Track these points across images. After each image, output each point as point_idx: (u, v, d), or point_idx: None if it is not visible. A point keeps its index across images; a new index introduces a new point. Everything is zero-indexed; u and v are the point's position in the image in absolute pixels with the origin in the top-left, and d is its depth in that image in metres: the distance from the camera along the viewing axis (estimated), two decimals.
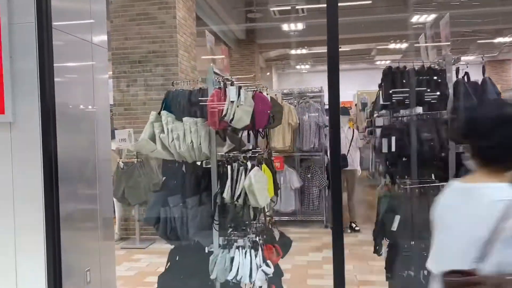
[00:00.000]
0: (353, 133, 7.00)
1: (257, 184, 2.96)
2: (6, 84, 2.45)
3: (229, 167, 3.05)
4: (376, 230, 3.47)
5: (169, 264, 3.39)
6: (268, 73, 18.70)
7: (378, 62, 20.01)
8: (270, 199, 3.30)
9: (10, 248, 2.56)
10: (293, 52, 16.09)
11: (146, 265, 5.67)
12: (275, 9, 10.20)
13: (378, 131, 4.33)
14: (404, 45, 15.55)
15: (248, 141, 4.18)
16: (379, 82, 3.67)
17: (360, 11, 11.82)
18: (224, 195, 3.04)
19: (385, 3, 10.91)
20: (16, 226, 2.58)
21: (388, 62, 20.20)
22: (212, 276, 3.13)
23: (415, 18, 11.84)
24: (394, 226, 3.21)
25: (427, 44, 3.80)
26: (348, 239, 6.32)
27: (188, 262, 3.26)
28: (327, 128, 6.22)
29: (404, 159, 3.37)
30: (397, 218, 3.21)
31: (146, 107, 6.47)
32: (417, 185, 3.23)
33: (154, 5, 6.46)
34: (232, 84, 3.09)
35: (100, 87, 3.25)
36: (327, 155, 6.92)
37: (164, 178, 3.42)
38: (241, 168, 3.06)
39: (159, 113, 3.19)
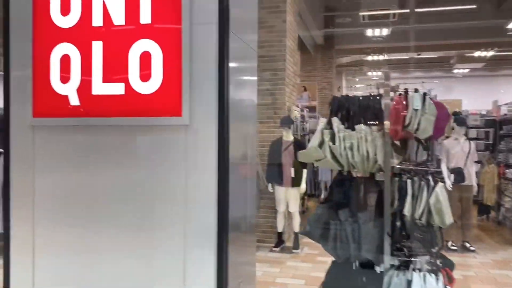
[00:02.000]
0: (470, 145, 6.52)
1: (444, 201, 2.66)
2: (185, 87, 2.30)
3: (408, 181, 2.78)
4: None
5: (328, 279, 3.14)
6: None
7: (455, 71, 19.09)
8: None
9: (178, 252, 2.39)
10: (369, 58, 15.63)
11: (261, 274, 5.49)
12: (365, 13, 9.86)
13: None
14: (490, 53, 14.68)
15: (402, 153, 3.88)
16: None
17: (444, 17, 11.24)
18: (405, 211, 2.76)
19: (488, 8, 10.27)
20: (186, 230, 2.42)
21: (467, 70, 19.20)
22: None
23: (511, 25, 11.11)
24: None
25: None
26: (468, 260, 5.86)
27: (355, 281, 3.01)
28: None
29: None
30: None
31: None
32: None
33: (264, 9, 6.33)
34: (416, 91, 2.81)
35: (253, 88, 3.10)
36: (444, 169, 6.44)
37: (330, 189, 3.19)
38: (422, 183, 2.77)
39: (328, 121, 2.97)
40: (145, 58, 2.36)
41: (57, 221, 2.53)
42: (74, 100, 2.46)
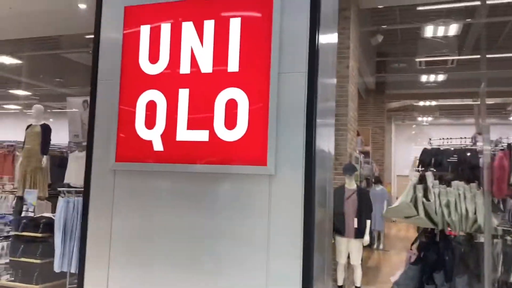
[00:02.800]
0: None
1: None
2: (271, 135, 2.24)
3: None
4: None
5: None
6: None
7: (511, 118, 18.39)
8: None
9: None
10: (421, 103, 15.33)
11: None
12: (422, 59, 9.73)
13: None
14: None
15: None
16: None
17: (504, 64, 10.90)
18: None
19: None
20: (267, 280, 2.29)
21: None
22: None
23: None
24: None
25: None
26: None
27: None
28: None
29: None
30: None
31: None
32: None
33: None
34: None
35: (332, 133, 3.04)
36: None
37: (422, 249, 2.96)
38: None
39: (420, 175, 2.78)
40: (231, 106, 2.35)
41: (132, 265, 2.48)
42: (158, 146, 2.46)
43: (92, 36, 2.72)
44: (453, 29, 7.67)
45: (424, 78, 11.40)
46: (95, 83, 2.66)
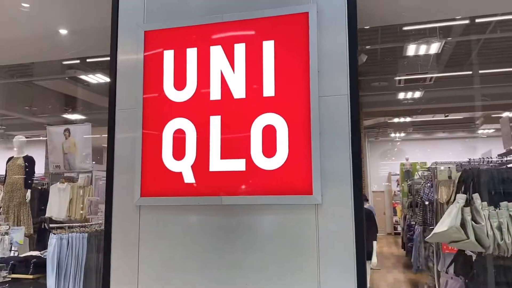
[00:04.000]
0: None
1: None
2: (315, 163, 2.12)
3: None
4: None
5: None
6: None
7: (480, 131, 18.99)
8: None
9: None
10: (395, 120, 15.60)
11: None
12: (402, 78, 9.91)
13: None
14: None
15: None
16: None
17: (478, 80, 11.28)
18: None
19: None
20: None
21: (492, 131, 19.08)
22: None
23: None
24: None
25: None
26: None
27: None
28: None
29: None
30: None
31: None
32: None
33: None
34: None
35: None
36: None
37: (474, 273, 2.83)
38: None
39: (468, 197, 2.67)
40: (269, 132, 2.21)
41: None
42: (189, 178, 2.29)
43: (70, 61, 2.55)
44: (434, 47, 7.85)
45: (401, 95, 11.60)
46: (113, 112, 2.48)
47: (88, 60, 6.99)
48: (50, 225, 4.75)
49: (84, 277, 4.36)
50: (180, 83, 2.37)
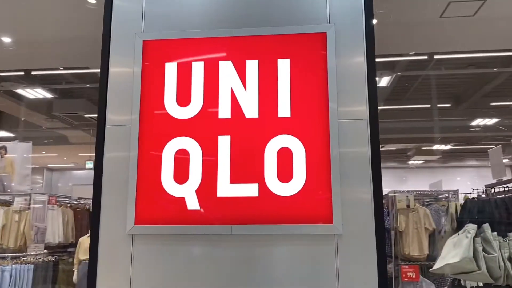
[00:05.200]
0: None
1: None
2: (335, 189, 1.99)
3: None
4: None
5: None
6: None
7: (410, 162, 20.06)
8: None
9: None
10: None
11: None
12: None
13: None
14: (448, 147, 15.65)
15: None
16: None
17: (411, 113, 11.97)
18: None
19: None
20: None
21: (420, 162, 20.24)
22: None
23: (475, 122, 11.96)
24: None
25: None
26: None
27: None
28: None
29: None
30: None
31: None
32: None
33: None
34: None
35: None
36: None
37: None
38: None
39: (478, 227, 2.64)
40: (285, 156, 2.06)
41: None
42: (193, 204, 2.06)
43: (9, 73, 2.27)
44: (384, 81, 8.18)
45: None
46: (103, 127, 2.20)
47: (33, 73, 6.44)
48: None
49: None
50: (184, 99, 2.16)
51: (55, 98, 9.14)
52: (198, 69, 2.17)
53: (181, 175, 2.09)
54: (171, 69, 2.19)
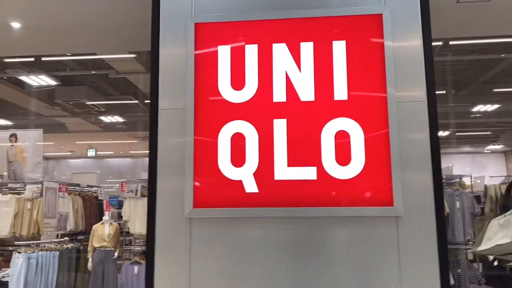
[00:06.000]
0: None
1: None
2: (395, 171, 1.99)
3: None
4: None
5: None
6: None
7: None
8: None
9: None
10: None
11: None
12: None
13: None
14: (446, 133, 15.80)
15: None
16: None
17: None
18: None
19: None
20: None
21: None
22: None
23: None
24: None
25: None
26: None
27: None
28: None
29: None
30: None
31: None
32: None
33: None
34: None
35: None
36: None
37: None
38: None
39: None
40: (342, 139, 2.07)
41: None
42: (251, 187, 2.06)
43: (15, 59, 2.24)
44: None
45: None
46: (156, 112, 2.18)
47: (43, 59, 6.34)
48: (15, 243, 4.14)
49: None
50: (238, 83, 2.14)
51: (58, 85, 9.02)
52: (252, 51, 2.16)
53: (238, 159, 2.08)
54: (224, 52, 2.17)
